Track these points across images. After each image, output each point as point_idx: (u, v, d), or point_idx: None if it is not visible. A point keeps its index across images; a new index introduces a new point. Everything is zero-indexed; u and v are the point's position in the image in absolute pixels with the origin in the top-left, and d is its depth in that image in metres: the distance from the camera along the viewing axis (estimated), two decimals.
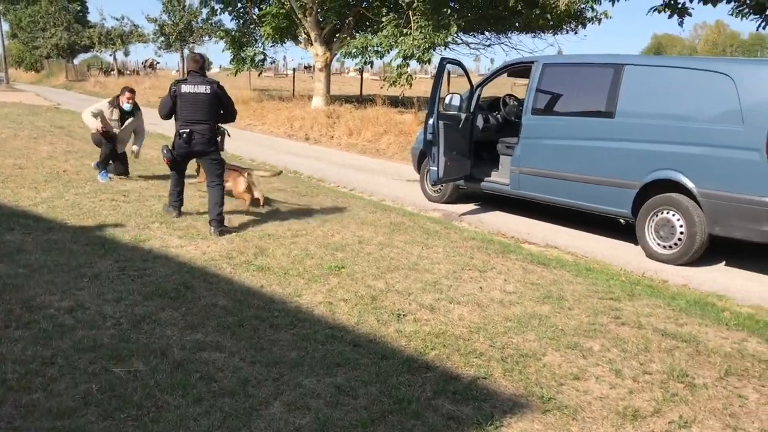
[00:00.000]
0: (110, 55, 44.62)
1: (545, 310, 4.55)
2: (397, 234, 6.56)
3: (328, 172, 11.62)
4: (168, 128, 16.22)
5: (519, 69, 8.57)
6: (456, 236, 6.75)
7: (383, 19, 16.37)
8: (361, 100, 20.69)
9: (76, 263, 4.88)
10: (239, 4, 22.22)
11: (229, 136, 6.77)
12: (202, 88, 6.31)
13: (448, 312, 4.41)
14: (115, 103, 8.67)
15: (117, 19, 39.32)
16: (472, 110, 8.40)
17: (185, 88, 6.30)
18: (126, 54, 45.77)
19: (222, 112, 6.54)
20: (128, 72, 48.06)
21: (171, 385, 3.16)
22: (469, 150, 8.38)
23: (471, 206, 8.88)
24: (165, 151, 6.63)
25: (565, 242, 7.14)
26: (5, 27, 53.92)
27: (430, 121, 7.90)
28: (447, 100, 8.13)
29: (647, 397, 3.35)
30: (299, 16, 19.13)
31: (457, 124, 8.19)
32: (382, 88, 17.26)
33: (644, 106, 6.63)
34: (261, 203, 7.42)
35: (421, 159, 9.22)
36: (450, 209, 8.65)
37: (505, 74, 9.01)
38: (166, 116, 6.48)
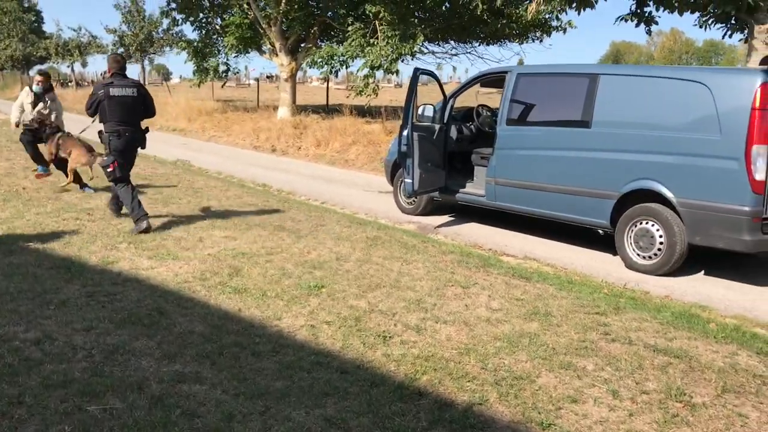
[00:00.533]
0: (68, 66, 43.60)
1: (534, 328, 4.44)
2: (374, 249, 6.41)
3: (298, 184, 11.42)
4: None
5: (492, 79, 8.51)
6: (434, 250, 6.63)
7: (349, 29, 16.27)
8: (328, 110, 20.53)
9: (41, 289, 4.61)
10: (201, 15, 21.89)
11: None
12: (130, 91, 6.72)
13: (435, 332, 4.27)
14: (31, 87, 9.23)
15: (74, 30, 38.40)
16: (445, 121, 8.32)
17: (114, 91, 6.62)
18: (84, 65, 44.80)
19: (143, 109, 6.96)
20: (86, 83, 47.05)
21: (151, 424, 2.94)
22: (443, 161, 8.29)
23: (446, 218, 8.77)
24: (107, 157, 6.85)
25: (543, 254, 7.08)
26: None
27: (405, 133, 7.78)
28: (420, 111, 8.03)
29: (648, 420, 3.25)
30: (263, 26, 18.91)
31: (431, 135, 8.09)
32: (348, 97, 17.13)
33: (621, 115, 6.61)
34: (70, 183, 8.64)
35: (394, 171, 9.09)
36: (425, 221, 8.53)
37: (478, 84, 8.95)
38: (93, 114, 6.77)
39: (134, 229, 6.56)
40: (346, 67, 18.05)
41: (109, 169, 6.81)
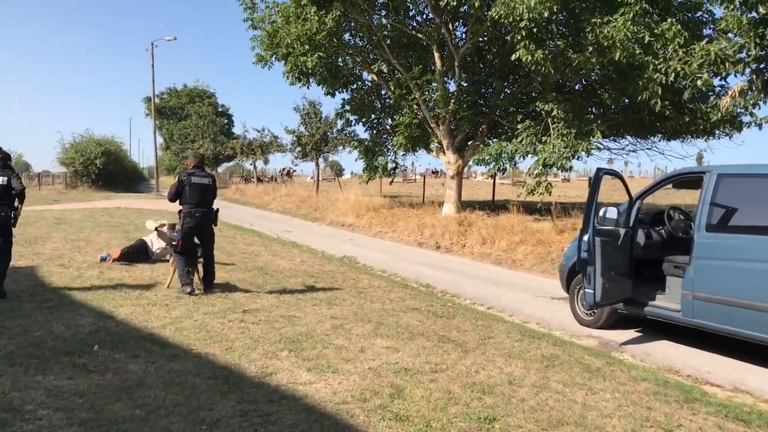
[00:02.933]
0: (250, 164, 47.25)
1: None
2: (552, 371, 5.64)
3: (463, 286, 10.89)
4: (299, 236, 16.27)
5: (686, 180, 7.60)
6: (623, 375, 5.72)
7: (518, 126, 15.91)
8: (494, 207, 20.07)
9: (197, 403, 4.37)
10: (373, 115, 22.76)
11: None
12: (206, 180, 8.37)
13: None
14: None
15: (258, 131, 41.86)
16: (631, 224, 7.48)
17: (195, 180, 8.23)
18: (265, 162, 48.28)
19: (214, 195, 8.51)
20: (266, 179, 50.60)
21: None
22: (629, 269, 7.39)
23: (631, 333, 7.77)
24: (175, 233, 8.48)
25: (757, 385, 5.90)
26: (160, 140, 59.38)
27: (585, 237, 7.05)
28: (602, 214, 7.27)
29: None
30: (432, 125, 19.14)
31: (616, 241, 7.28)
32: (519, 196, 16.56)
33: None
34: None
35: (571, 277, 8.31)
36: (607, 336, 7.59)
37: (670, 185, 8.03)
38: (173, 200, 8.30)
39: (180, 290, 8.04)
40: (514, 164, 17.62)
41: (174, 243, 8.40)
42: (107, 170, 43.88)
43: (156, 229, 9.86)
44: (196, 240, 8.48)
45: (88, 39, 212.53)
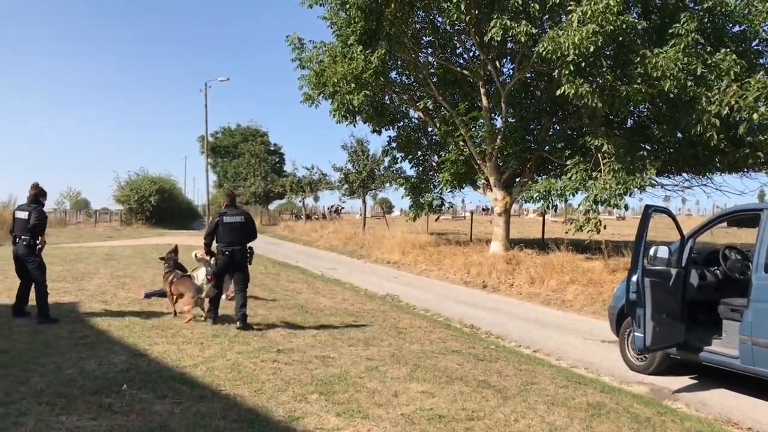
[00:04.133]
0: (300, 201, 47.67)
1: None
2: (597, 421, 5.28)
3: (509, 327, 10.52)
4: (343, 274, 16.15)
5: (742, 217, 7.19)
6: (675, 427, 5.31)
7: (568, 163, 15.54)
8: (543, 245, 19.58)
9: None
10: (419, 152, 22.67)
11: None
12: (238, 218, 8.52)
13: None
14: None
15: (307, 169, 42.13)
16: (684, 264, 7.08)
17: (227, 219, 8.43)
18: (316, 200, 48.68)
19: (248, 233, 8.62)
20: (316, 216, 50.95)
21: None
22: (682, 312, 6.97)
23: (686, 379, 7.29)
24: (209, 268, 8.93)
25: None
26: (213, 177, 60.66)
27: (634, 278, 6.69)
28: (653, 253, 6.90)
29: None
30: (478, 161, 18.91)
31: (667, 281, 6.89)
32: (567, 233, 16.08)
33: None
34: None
35: (620, 319, 7.90)
36: (659, 383, 7.14)
37: (725, 223, 7.62)
38: (209, 238, 8.50)
39: (207, 319, 8.57)
40: (565, 201, 17.19)
41: (208, 277, 8.86)
42: (161, 207, 44.90)
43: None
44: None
45: (147, 79, 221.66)
